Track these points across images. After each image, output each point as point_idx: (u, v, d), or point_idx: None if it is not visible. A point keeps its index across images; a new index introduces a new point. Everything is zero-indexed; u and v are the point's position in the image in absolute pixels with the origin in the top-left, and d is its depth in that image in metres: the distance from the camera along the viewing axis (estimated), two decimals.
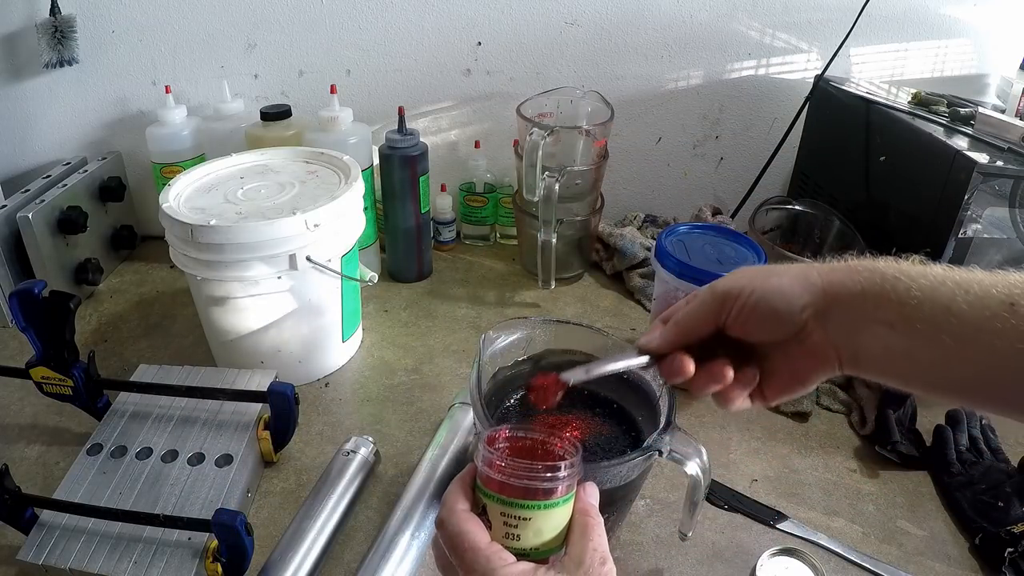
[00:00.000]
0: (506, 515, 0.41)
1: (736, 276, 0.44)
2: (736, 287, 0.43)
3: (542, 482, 0.41)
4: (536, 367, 0.68)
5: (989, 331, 0.36)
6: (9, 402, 0.78)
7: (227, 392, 0.69)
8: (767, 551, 0.56)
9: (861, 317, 0.40)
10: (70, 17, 0.97)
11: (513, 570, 0.39)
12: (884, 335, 0.39)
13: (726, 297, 0.43)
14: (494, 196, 1.11)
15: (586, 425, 0.66)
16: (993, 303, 0.36)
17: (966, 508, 0.66)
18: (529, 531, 0.41)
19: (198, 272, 0.72)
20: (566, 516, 0.42)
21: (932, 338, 0.38)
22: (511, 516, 0.41)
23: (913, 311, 0.38)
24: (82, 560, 0.55)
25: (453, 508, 0.42)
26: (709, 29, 1.04)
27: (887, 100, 0.89)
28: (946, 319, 0.37)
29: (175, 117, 1.00)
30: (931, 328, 0.38)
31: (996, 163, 0.69)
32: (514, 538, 0.41)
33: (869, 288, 0.40)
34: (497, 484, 0.41)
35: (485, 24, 1.03)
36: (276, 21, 1.02)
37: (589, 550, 0.41)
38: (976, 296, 0.37)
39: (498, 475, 0.41)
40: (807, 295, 0.41)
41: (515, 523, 0.41)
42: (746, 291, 0.42)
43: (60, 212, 0.92)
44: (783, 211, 0.93)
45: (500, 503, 0.41)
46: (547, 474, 0.41)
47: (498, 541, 0.41)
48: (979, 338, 0.36)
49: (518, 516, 0.41)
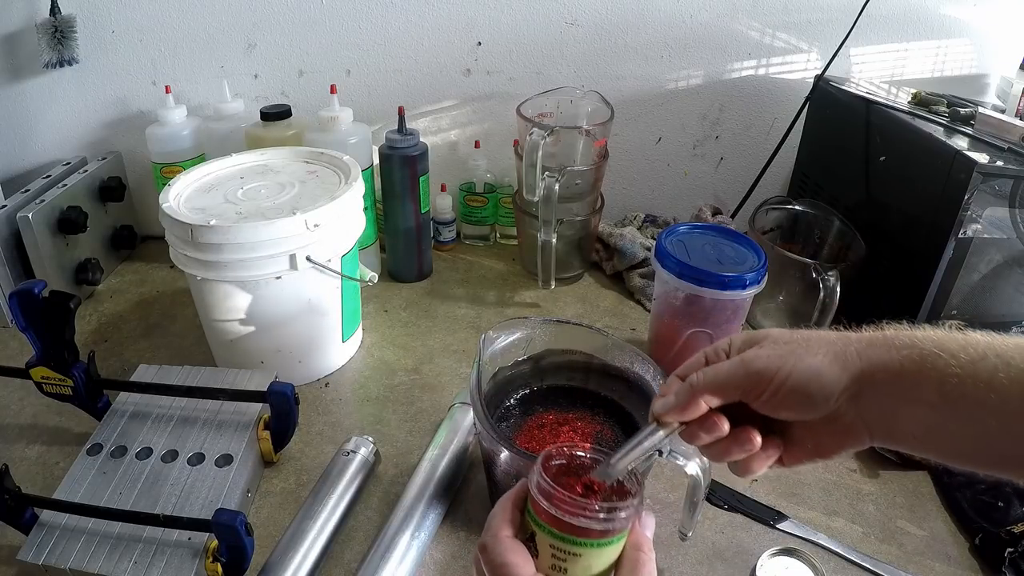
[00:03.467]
0: (556, 548, 0.39)
1: (770, 353, 0.41)
2: (771, 368, 0.40)
3: (600, 523, 0.38)
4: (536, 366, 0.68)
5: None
6: (9, 402, 0.78)
7: (227, 392, 0.69)
8: (767, 551, 0.56)
9: (900, 398, 0.38)
10: (70, 17, 0.97)
11: None
12: (923, 415, 0.37)
13: (760, 376, 0.40)
14: (494, 196, 1.11)
15: (586, 425, 0.66)
16: None
17: (966, 508, 0.66)
18: (578, 567, 0.39)
19: (198, 272, 0.72)
20: (619, 551, 0.40)
21: (972, 416, 0.36)
22: (561, 551, 0.39)
23: (953, 389, 0.36)
24: (82, 560, 0.55)
25: (498, 535, 0.40)
26: (709, 29, 1.04)
27: (887, 100, 0.89)
28: (987, 396, 0.35)
29: (175, 117, 1.00)
30: (972, 406, 0.36)
31: (996, 163, 0.69)
32: (561, 571, 0.39)
33: (908, 367, 0.37)
34: (551, 517, 0.39)
35: (485, 24, 1.03)
36: (276, 21, 1.02)
37: None
38: (1019, 369, 0.35)
39: (552, 508, 0.38)
40: (845, 377, 0.39)
41: (564, 557, 0.39)
42: (782, 373, 0.39)
43: (60, 212, 0.92)
44: (783, 211, 0.93)
45: (551, 536, 0.39)
46: (606, 515, 0.38)
47: (543, 572, 0.39)
48: (1023, 415, 0.35)
49: (569, 551, 0.39)
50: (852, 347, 0.39)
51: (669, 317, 0.80)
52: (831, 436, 0.41)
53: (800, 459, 0.43)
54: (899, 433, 0.39)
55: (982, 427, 0.36)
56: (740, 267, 0.76)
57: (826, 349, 0.39)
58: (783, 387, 0.39)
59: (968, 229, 0.72)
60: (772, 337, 0.42)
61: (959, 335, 0.37)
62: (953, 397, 0.36)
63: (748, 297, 0.75)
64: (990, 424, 0.36)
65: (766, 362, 0.40)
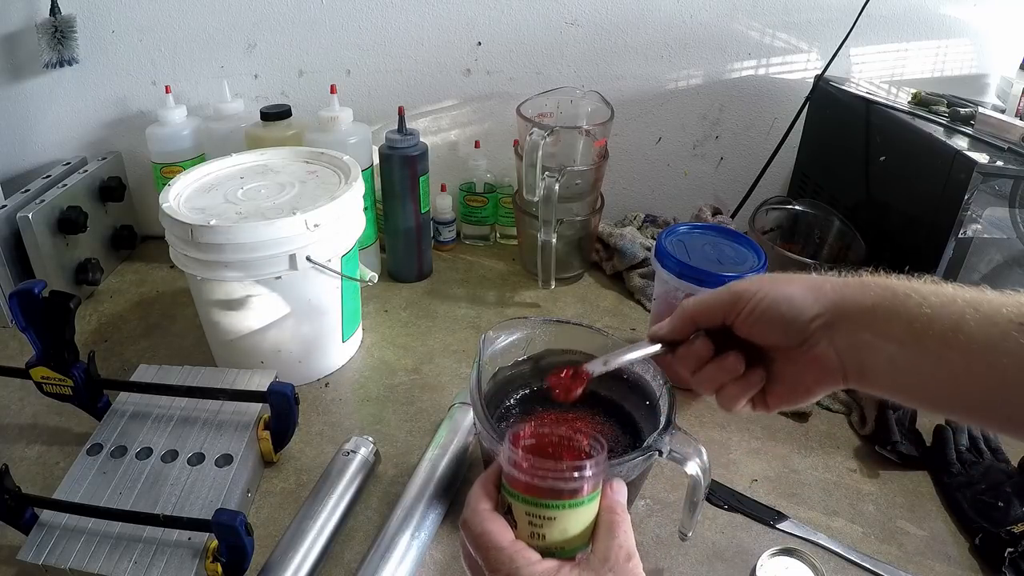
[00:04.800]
0: (531, 515, 0.41)
1: (752, 279, 0.45)
2: (750, 289, 0.44)
3: (568, 482, 0.40)
4: (536, 366, 0.68)
5: (998, 350, 0.36)
6: (9, 402, 0.78)
7: (227, 392, 0.69)
8: (767, 551, 0.56)
9: (870, 332, 0.40)
10: (70, 17, 0.97)
11: (537, 568, 0.39)
12: (893, 351, 0.40)
13: (739, 297, 0.44)
14: (494, 196, 1.11)
15: (586, 425, 0.66)
16: (1002, 321, 0.36)
17: (966, 508, 0.66)
18: (555, 530, 0.41)
19: (198, 272, 0.72)
20: (592, 513, 0.42)
21: (940, 355, 0.38)
22: (536, 516, 0.41)
23: (922, 328, 0.38)
24: (82, 560, 0.55)
25: (476, 508, 0.42)
26: (709, 29, 1.04)
27: (887, 100, 0.89)
28: (955, 336, 0.37)
29: (175, 117, 1.00)
30: (939, 345, 0.38)
31: (996, 163, 0.69)
32: (539, 537, 0.41)
33: (880, 303, 0.40)
34: (522, 484, 0.41)
35: (485, 24, 1.03)
36: (276, 21, 1.02)
37: (615, 547, 0.41)
38: (985, 315, 0.37)
39: (523, 475, 0.41)
40: (817, 306, 0.42)
41: (540, 522, 0.41)
42: (759, 295, 0.43)
43: (60, 212, 0.92)
44: (783, 211, 0.93)
45: (525, 503, 0.41)
46: (573, 474, 0.40)
47: (524, 540, 0.41)
48: (987, 356, 0.37)
49: (543, 516, 0.41)
50: (828, 284, 0.43)
51: None
52: (809, 370, 0.44)
53: (782, 399, 0.47)
54: (870, 372, 0.41)
55: (948, 368, 0.38)
56: (740, 267, 0.76)
57: (802, 282, 0.43)
58: (759, 306, 0.43)
59: (968, 229, 0.73)
60: (759, 276, 0.46)
61: (931, 284, 0.40)
62: (922, 335, 0.38)
63: None
64: (956, 364, 0.38)
65: (746, 285, 0.45)
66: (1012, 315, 0.36)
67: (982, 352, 0.37)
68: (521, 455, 0.41)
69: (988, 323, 0.37)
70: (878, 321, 0.40)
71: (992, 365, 0.36)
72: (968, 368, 0.37)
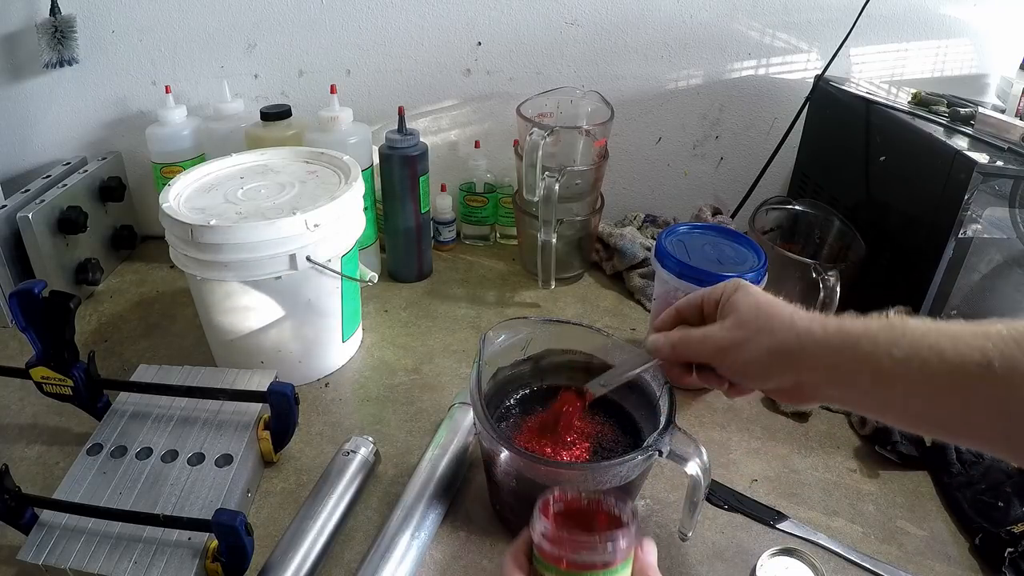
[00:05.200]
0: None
1: (729, 337, 0.48)
2: (727, 351, 0.48)
3: (601, 554, 0.40)
4: (536, 366, 0.68)
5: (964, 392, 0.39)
6: (9, 402, 0.78)
7: (227, 392, 0.69)
8: (767, 551, 0.56)
9: (836, 386, 0.45)
10: (70, 17, 0.97)
11: None
12: (856, 397, 0.45)
13: (719, 355, 0.49)
14: (494, 196, 1.11)
15: (586, 425, 0.66)
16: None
17: (966, 508, 0.66)
18: None
19: (198, 272, 0.72)
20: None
21: (906, 392, 0.41)
22: None
23: (884, 379, 0.41)
24: (82, 560, 0.55)
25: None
26: (709, 29, 1.04)
27: (887, 100, 0.89)
28: (921, 385, 0.40)
29: (175, 117, 1.00)
30: (904, 387, 0.41)
31: (996, 163, 0.69)
32: None
33: (844, 366, 0.43)
34: (555, 557, 0.40)
35: (485, 24, 1.03)
36: (276, 21, 1.02)
37: None
38: (949, 361, 0.39)
39: (555, 548, 0.40)
40: (789, 377, 0.46)
41: None
42: (734, 357, 0.48)
43: (60, 212, 0.92)
44: (783, 211, 0.93)
45: (559, 574, 0.41)
46: (606, 545, 0.40)
47: None
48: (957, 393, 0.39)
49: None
50: (800, 344, 0.45)
51: None
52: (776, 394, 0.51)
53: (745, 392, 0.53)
54: (838, 404, 0.48)
55: (917, 402, 0.41)
56: (740, 267, 0.76)
57: (771, 343, 0.46)
58: (734, 366, 0.49)
59: (968, 229, 0.72)
60: (738, 316, 0.48)
61: (898, 325, 0.42)
62: (883, 385, 0.42)
63: None
64: (922, 399, 0.41)
65: (727, 343, 0.48)
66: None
67: (948, 393, 0.40)
68: (552, 528, 0.40)
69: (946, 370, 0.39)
70: (843, 381, 0.44)
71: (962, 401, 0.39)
72: (933, 400, 0.41)
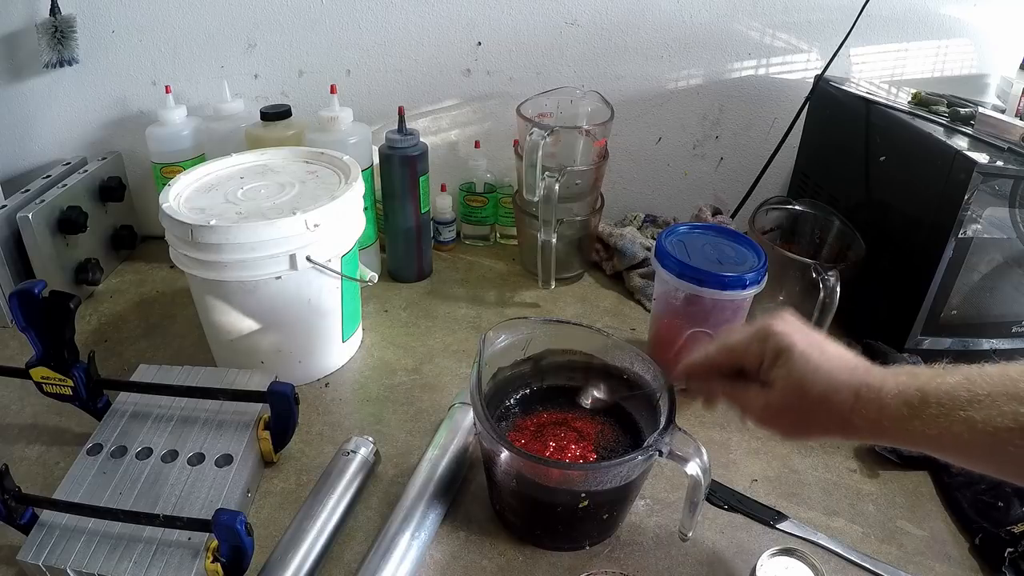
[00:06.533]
0: None
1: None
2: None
3: None
4: (536, 366, 0.68)
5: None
6: (9, 402, 0.78)
7: (227, 392, 0.69)
8: (767, 551, 0.56)
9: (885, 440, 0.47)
10: (70, 17, 0.97)
11: None
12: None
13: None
14: (494, 196, 1.11)
15: (587, 425, 0.67)
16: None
17: (966, 508, 0.66)
18: None
19: (198, 272, 0.72)
20: None
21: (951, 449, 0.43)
22: None
23: (930, 439, 0.43)
24: (82, 560, 0.55)
25: None
26: (709, 29, 1.04)
27: (887, 100, 0.89)
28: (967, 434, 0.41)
29: (175, 117, 1.00)
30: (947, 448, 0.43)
31: (996, 163, 0.69)
32: None
33: (896, 428, 0.44)
34: None
35: (485, 24, 1.03)
36: (276, 21, 1.02)
37: None
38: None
39: None
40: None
41: None
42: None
43: (60, 212, 0.92)
44: (783, 211, 0.93)
45: None
46: None
47: None
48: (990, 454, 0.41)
49: None
50: (857, 405, 0.45)
51: (669, 317, 0.80)
52: None
53: None
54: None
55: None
56: (740, 267, 0.76)
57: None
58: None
59: (968, 229, 0.73)
60: (794, 363, 0.48)
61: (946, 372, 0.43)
62: (927, 440, 0.43)
63: (748, 297, 0.75)
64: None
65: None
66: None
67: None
68: None
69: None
70: (893, 439, 0.46)
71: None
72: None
